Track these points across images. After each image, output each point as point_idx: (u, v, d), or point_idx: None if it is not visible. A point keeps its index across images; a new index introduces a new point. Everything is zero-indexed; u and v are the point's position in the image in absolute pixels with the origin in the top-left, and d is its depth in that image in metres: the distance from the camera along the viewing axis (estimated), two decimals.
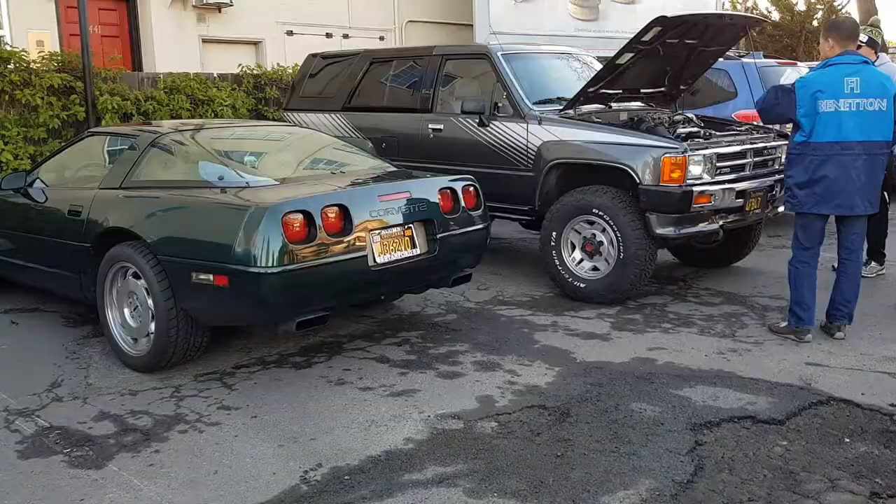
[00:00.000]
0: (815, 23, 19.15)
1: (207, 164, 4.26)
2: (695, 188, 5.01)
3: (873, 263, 5.97)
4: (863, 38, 5.70)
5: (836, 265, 5.08)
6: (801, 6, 19.48)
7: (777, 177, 5.63)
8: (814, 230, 4.50)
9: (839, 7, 19.67)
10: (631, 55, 5.45)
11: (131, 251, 4.03)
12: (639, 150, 5.15)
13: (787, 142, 5.82)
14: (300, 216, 3.68)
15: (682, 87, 6.41)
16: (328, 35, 12.24)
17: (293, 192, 3.92)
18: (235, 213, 3.69)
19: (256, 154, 4.81)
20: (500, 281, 5.94)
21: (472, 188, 4.64)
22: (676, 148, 5.01)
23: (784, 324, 4.61)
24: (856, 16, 21.11)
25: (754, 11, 19.05)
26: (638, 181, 5.11)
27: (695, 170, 5.05)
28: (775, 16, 19.37)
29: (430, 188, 4.39)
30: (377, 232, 4.02)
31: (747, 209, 5.38)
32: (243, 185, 4.03)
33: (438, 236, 4.31)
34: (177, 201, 4.00)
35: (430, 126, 6.35)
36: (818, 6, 19.60)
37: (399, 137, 6.61)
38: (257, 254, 3.54)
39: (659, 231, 5.14)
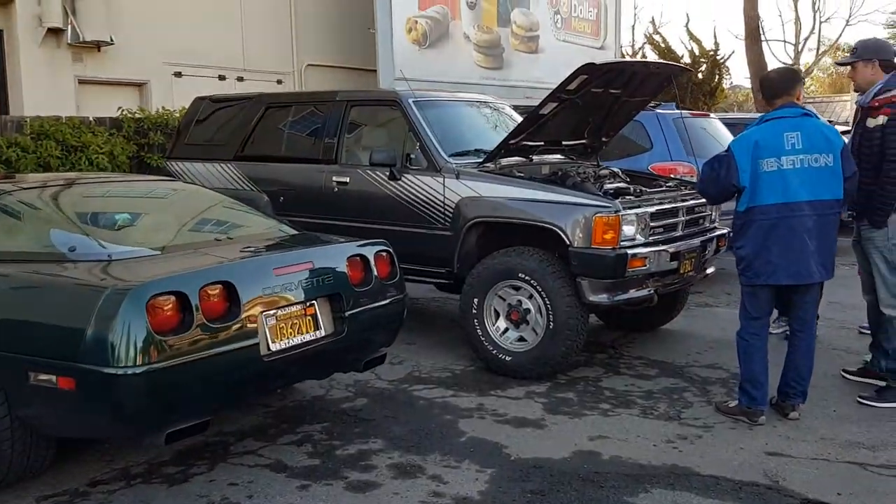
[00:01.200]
0: (699, 75, 19.73)
1: (59, 232, 3.45)
2: (629, 251, 4.55)
3: None
4: None
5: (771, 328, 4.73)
6: (687, 59, 20.10)
7: (709, 235, 5.28)
8: (763, 299, 4.09)
9: (721, 60, 20.43)
10: (555, 105, 5.00)
11: None
12: (568, 209, 4.66)
13: None
14: (171, 298, 2.94)
15: (604, 139, 6.02)
16: (221, 77, 11.45)
17: (164, 267, 3.17)
18: (87, 295, 2.91)
19: (128, 217, 4.02)
20: (415, 352, 5.29)
21: (385, 254, 4.00)
22: (609, 206, 4.55)
23: (734, 403, 4.15)
24: (746, 69, 22.00)
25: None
26: (568, 243, 4.61)
27: (628, 230, 4.60)
28: None
29: (336, 256, 3.72)
30: (272, 313, 3.31)
31: (681, 272, 4.96)
32: (104, 258, 3.25)
33: (347, 314, 3.64)
34: (12, 280, 3.17)
35: (334, 179, 5.70)
36: (702, 59, 20.30)
37: (299, 191, 5.93)
38: (113, 349, 2.77)
39: (592, 298, 4.64)
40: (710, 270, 5.54)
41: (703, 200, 5.27)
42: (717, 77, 20.25)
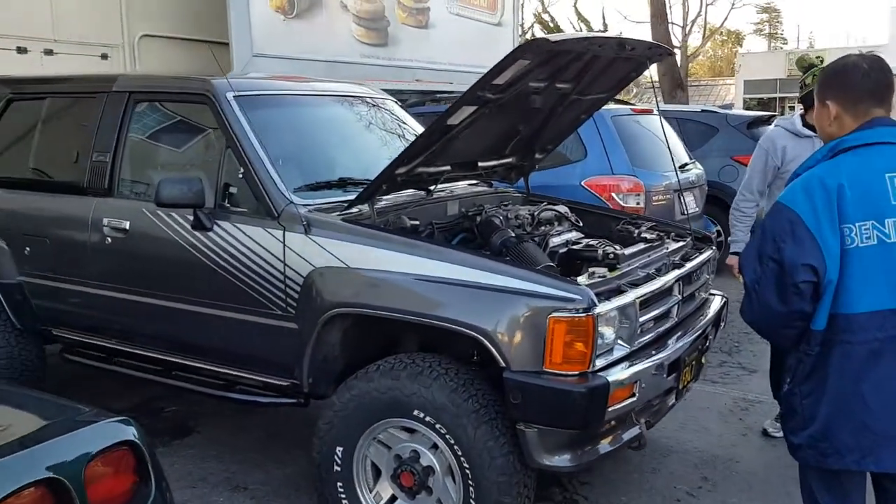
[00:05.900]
0: None
1: None
2: (609, 374, 2.56)
3: None
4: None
5: None
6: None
7: (710, 313, 3.38)
8: (854, 487, 2.18)
9: None
10: (472, 109, 2.91)
11: None
12: (498, 299, 2.61)
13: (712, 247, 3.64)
14: None
15: (537, 155, 3.99)
16: (21, 50, 8.68)
17: None
18: None
19: None
20: None
21: (121, 452, 1.81)
22: (575, 296, 2.52)
23: None
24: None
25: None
26: (501, 363, 2.56)
27: (607, 334, 2.61)
28: None
29: None
30: None
31: (680, 386, 3.03)
32: None
33: None
34: None
35: (107, 222, 3.45)
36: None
37: (54, 238, 3.65)
38: None
39: (544, 460, 2.61)
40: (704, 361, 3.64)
41: (703, 258, 3.38)
42: None
